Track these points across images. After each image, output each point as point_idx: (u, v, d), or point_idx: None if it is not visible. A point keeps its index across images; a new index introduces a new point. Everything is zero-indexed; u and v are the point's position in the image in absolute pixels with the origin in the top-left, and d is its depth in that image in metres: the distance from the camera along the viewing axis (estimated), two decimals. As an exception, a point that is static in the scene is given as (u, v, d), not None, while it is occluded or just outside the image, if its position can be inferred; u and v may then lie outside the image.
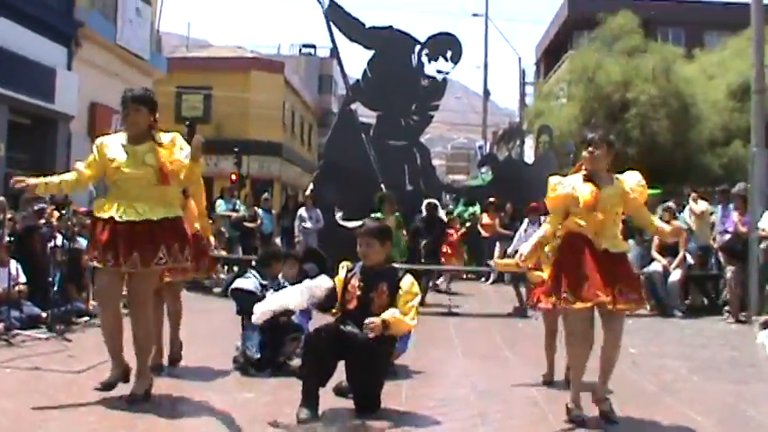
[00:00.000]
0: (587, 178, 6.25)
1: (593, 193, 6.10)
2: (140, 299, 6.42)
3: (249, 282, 8.03)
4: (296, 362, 7.30)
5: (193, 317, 7.95)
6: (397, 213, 13.26)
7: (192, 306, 8.00)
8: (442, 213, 17.94)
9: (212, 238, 8.26)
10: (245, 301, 7.88)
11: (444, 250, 18.06)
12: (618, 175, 6.36)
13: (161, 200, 6.34)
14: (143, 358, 6.45)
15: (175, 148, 6.37)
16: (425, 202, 16.89)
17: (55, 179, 6.56)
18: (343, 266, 6.65)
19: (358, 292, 6.38)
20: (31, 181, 6.44)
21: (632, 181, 6.32)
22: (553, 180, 6.44)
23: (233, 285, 8.28)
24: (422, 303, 14.29)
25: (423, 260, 15.32)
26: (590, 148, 6.25)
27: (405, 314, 6.29)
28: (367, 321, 6.12)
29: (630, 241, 14.37)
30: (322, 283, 6.62)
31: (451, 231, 18.96)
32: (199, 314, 8.03)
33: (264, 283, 8.00)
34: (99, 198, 6.81)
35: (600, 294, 5.96)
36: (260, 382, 7.31)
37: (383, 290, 6.38)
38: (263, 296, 7.80)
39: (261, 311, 7.03)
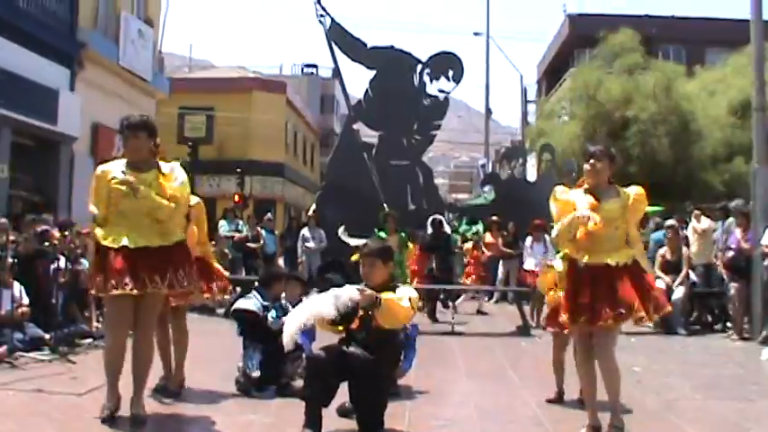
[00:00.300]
0: (588, 191, 6.25)
1: (591, 206, 6.10)
2: (150, 322, 6.47)
3: (251, 302, 8.04)
4: (299, 383, 7.28)
5: (196, 338, 7.93)
6: (402, 233, 13.27)
7: (196, 327, 7.99)
8: (447, 228, 18.13)
9: (216, 264, 8.19)
10: (247, 321, 7.92)
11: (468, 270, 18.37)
12: (623, 188, 6.35)
13: (167, 226, 6.36)
14: (141, 381, 6.43)
15: (172, 180, 6.42)
16: (431, 218, 17.11)
17: (92, 248, 6.88)
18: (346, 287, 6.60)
19: (361, 312, 6.36)
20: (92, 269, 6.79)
21: (633, 195, 6.30)
22: (558, 188, 6.44)
23: (234, 306, 8.28)
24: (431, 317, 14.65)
25: (436, 278, 16.10)
26: (591, 161, 6.25)
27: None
28: (361, 288, 6.19)
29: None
30: (352, 293, 6.50)
31: (478, 253, 19.01)
32: (202, 335, 8.03)
33: (266, 303, 8.00)
34: (99, 224, 6.78)
35: (572, 319, 6.07)
36: (263, 404, 7.30)
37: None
38: (265, 317, 7.82)
39: (290, 330, 6.37)
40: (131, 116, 6.69)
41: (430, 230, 16.86)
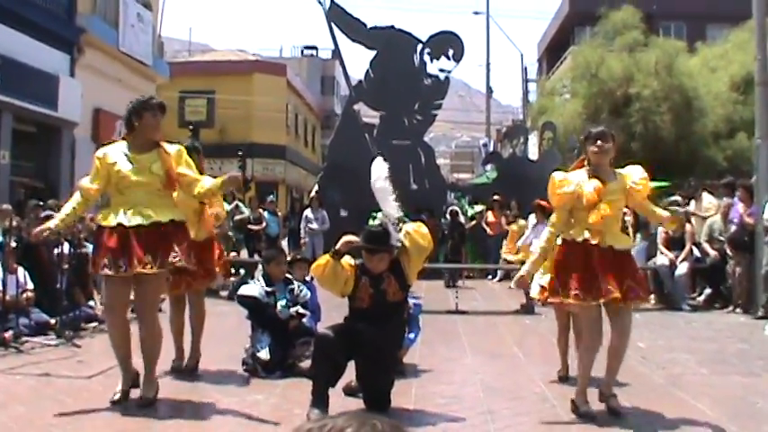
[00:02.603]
0: (592, 174, 6.23)
1: (597, 190, 6.08)
2: (148, 303, 6.44)
3: (253, 288, 8.06)
4: (305, 363, 7.31)
5: (200, 320, 7.97)
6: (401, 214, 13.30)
7: (199, 309, 8.02)
8: (461, 218, 19.43)
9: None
10: (250, 306, 7.96)
11: None
12: (620, 170, 6.35)
13: (166, 205, 6.38)
14: (150, 363, 6.45)
15: (182, 164, 6.47)
16: (449, 209, 18.88)
17: (68, 209, 6.56)
18: (353, 264, 6.59)
19: (370, 290, 6.38)
20: (50, 224, 6.62)
21: (635, 176, 6.30)
22: (557, 176, 6.40)
23: (238, 292, 8.32)
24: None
25: (449, 258, 17.72)
26: (599, 143, 6.22)
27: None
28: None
29: (637, 235, 14.34)
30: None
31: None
32: (207, 317, 8.04)
33: (269, 289, 8.00)
34: (102, 207, 6.83)
35: (612, 290, 5.95)
36: (269, 384, 7.32)
37: (389, 276, 6.43)
38: (269, 302, 7.86)
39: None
40: (153, 97, 6.86)
41: (448, 218, 18.54)
